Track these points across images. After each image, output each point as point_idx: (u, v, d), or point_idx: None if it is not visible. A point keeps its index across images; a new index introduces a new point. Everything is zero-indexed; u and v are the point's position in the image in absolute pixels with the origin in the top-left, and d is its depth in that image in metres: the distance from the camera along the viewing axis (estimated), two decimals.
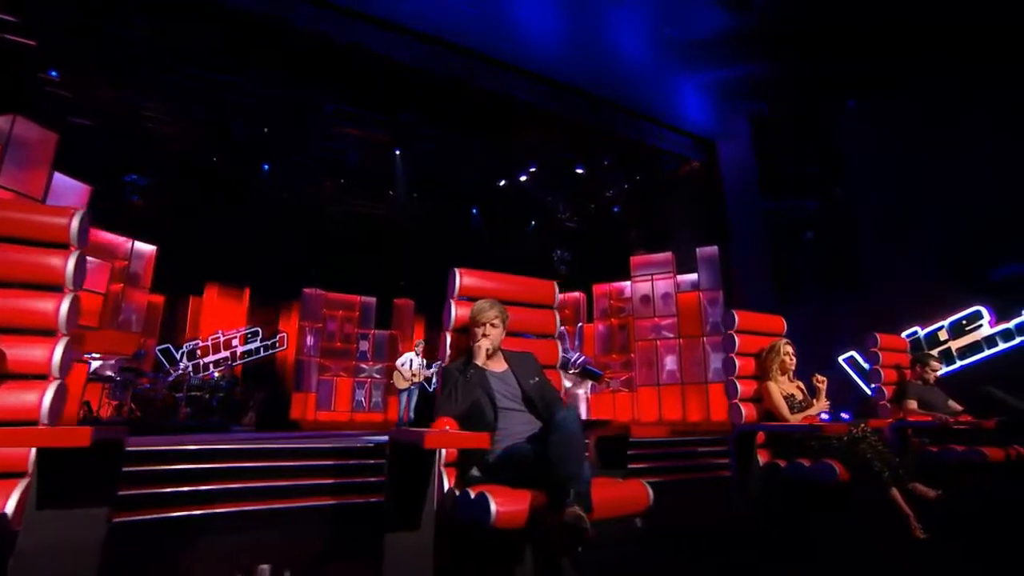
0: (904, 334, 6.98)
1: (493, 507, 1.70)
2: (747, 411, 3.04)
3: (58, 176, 5.49)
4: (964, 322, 6.46)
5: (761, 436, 2.96)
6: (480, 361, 2.04)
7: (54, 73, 6.29)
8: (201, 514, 3.04)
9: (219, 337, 8.23)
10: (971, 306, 6.45)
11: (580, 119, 8.46)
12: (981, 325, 6.32)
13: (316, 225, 10.29)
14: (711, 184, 8.28)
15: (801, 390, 3.10)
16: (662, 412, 8.68)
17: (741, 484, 2.74)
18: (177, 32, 6.65)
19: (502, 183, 11.05)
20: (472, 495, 1.78)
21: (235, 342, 7.79)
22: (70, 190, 5.62)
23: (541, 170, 10.64)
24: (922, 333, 6.84)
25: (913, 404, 3.79)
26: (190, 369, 7.10)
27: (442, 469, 2.12)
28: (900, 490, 2.52)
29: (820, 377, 3.04)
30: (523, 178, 10.91)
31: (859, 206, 7.28)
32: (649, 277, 9.10)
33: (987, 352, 6.26)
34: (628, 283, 9.56)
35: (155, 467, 3.27)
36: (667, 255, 8.99)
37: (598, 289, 10.42)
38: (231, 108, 8.04)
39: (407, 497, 1.94)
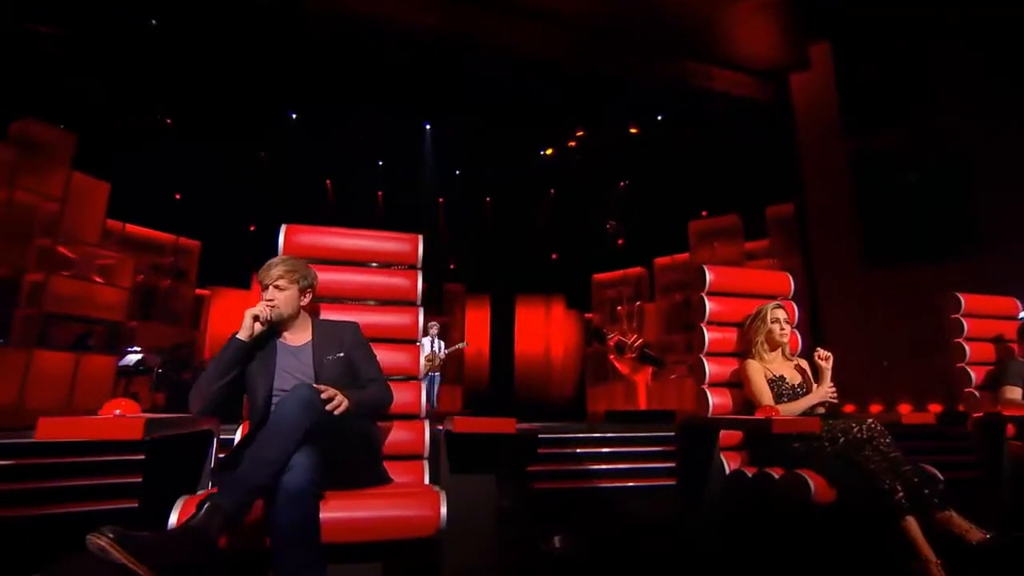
0: None
1: (173, 519, 1.29)
2: (719, 399, 2.32)
3: (79, 176, 5.90)
4: None
5: (735, 434, 2.23)
6: (245, 334, 1.62)
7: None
8: None
9: None
10: None
11: (623, 71, 7.62)
12: None
13: (359, 210, 10.42)
14: (782, 129, 7.02)
15: (802, 371, 2.30)
16: None
17: (690, 499, 2.05)
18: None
19: (548, 151, 10.42)
20: None
21: None
22: (91, 188, 6.02)
23: (589, 134, 9.86)
24: None
25: (1015, 392, 2.75)
26: None
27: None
28: (921, 521, 1.69)
29: (823, 353, 2.21)
30: (571, 144, 10.20)
31: (975, 140, 5.70)
32: (711, 245, 8.03)
33: None
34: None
35: None
36: (732, 218, 7.86)
37: (660, 263, 9.48)
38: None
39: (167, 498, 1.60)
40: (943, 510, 1.76)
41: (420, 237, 2.14)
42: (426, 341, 6.82)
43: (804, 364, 2.33)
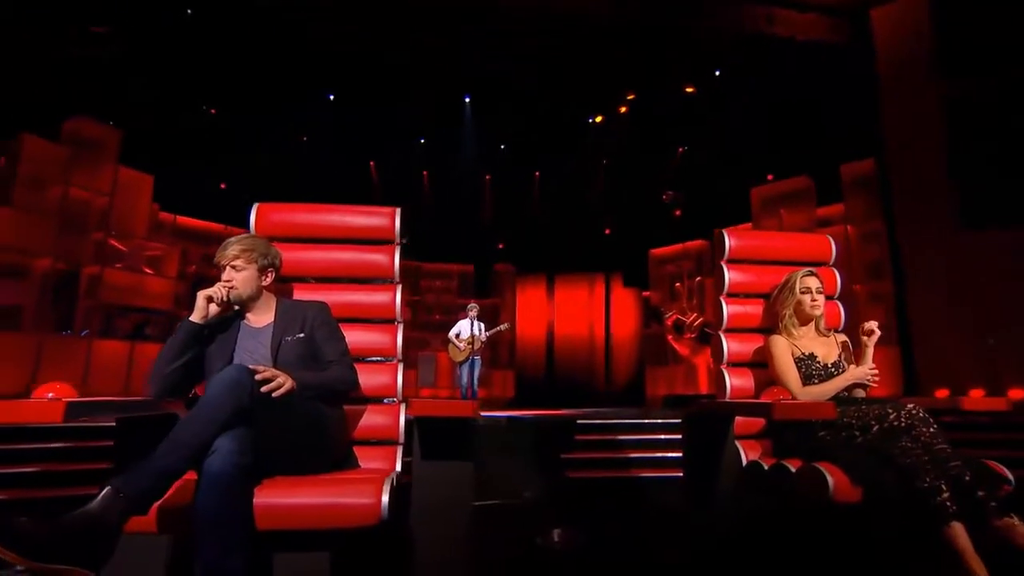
0: None
1: None
2: (740, 381, 2.13)
3: (125, 170, 6.32)
4: None
5: (756, 421, 2.03)
6: (197, 316, 1.62)
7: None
8: None
9: None
10: None
11: (673, 23, 7.18)
12: None
13: (403, 190, 10.56)
14: (859, 75, 6.36)
15: (840, 349, 2.05)
16: None
17: (698, 493, 1.89)
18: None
19: (597, 119, 10.08)
20: None
21: None
22: (136, 182, 6.44)
23: (641, 98, 9.42)
24: None
25: None
26: None
27: None
28: (972, 529, 1.46)
29: (869, 327, 1.96)
30: (622, 109, 9.79)
31: None
32: (777, 212, 7.49)
33: None
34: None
35: None
36: (801, 180, 7.27)
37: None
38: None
39: None
40: (1004, 516, 1.51)
41: (398, 210, 2.09)
42: (465, 324, 6.83)
43: (841, 339, 2.08)
